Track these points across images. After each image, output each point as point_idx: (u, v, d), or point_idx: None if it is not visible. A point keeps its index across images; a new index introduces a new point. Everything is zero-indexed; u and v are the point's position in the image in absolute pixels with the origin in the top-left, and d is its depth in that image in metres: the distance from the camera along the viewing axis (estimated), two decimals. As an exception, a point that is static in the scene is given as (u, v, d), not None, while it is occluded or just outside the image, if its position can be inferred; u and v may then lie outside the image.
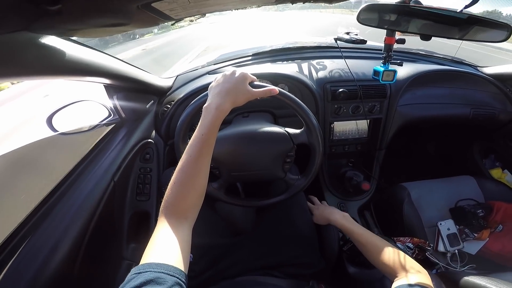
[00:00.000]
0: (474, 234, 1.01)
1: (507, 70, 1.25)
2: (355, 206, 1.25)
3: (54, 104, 0.81)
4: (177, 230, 0.46)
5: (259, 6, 0.68)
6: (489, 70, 1.30)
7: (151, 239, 0.44)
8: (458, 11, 0.75)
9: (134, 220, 0.94)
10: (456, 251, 0.99)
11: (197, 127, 0.56)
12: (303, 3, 0.64)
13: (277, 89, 0.66)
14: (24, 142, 1.06)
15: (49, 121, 0.81)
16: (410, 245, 0.98)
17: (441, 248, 1.01)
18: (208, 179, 0.56)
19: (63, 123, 0.84)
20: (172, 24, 0.74)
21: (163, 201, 0.50)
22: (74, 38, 0.64)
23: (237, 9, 0.68)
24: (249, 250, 0.79)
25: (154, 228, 0.90)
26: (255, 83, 0.65)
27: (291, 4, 0.64)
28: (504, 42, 0.79)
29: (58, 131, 0.83)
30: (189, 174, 0.51)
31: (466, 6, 0.75)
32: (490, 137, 1.43)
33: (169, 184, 0.51)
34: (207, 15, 0.70)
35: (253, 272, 0.73)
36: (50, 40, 0.58)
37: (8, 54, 0.48)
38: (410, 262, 0.58)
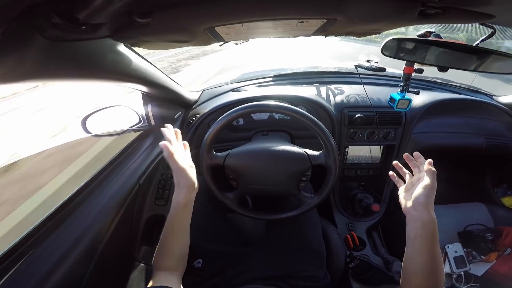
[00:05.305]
0: (482, 257, 1.01)
1: None
2: (364, 226, 1.25)
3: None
4: (167, 281, 0.57)
5: (295, 37, 0.73)
6: (505, 99, 1.30)
7: None
8: (474, 44, 0.78)
9: (149, 223, 0.97)
10: (462, 272, 1.00)
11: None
12: (335, 36, 0.69)
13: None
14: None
15: (84, 122, 0.85)
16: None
17: (447, 269, 1.01)
18: (189, 240, 0.67)
19: (96, 126, 0.88)
20: (220, 45, 0.80)
21: (154, 257, 0.63)
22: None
23: (276, 38, 0.75)
24: (257, 260, 0.81)
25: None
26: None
27: (324, 37, 0.70)
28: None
29: (91, 133, 0.87)
30: (166, 241, 0.64)
31: (482, 40, 0.78)
32: (502, 167, 1.41)
33: (157, 245, 0.64)
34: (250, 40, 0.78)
35: (259, 282, 0.74)
36: (123, 48, 0.64)
37: (93, 58, 0.55)
38: None
